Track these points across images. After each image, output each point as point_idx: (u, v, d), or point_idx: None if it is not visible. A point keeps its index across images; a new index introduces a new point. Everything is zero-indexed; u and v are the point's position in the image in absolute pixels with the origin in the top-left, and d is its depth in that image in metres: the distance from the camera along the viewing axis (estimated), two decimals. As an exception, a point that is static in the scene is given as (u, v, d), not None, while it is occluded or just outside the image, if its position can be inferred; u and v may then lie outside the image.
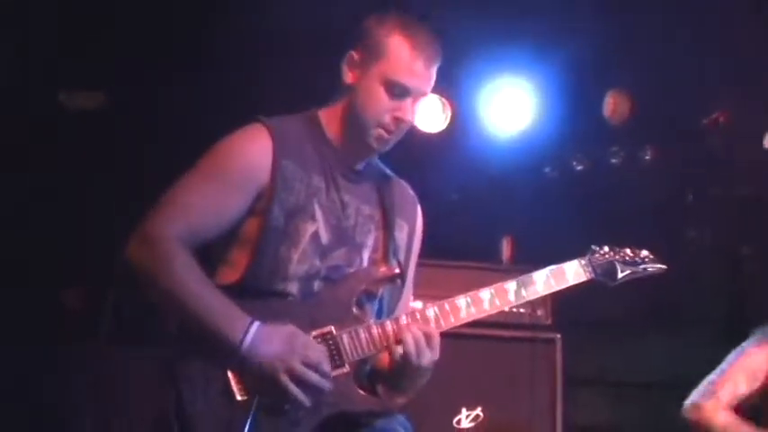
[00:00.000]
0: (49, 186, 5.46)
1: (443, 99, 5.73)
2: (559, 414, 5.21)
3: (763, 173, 6.17)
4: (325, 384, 3.02)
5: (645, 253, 3.57)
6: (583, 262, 3.44)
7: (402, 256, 3.34)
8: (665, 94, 5.76)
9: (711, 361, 4.69)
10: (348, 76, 3.24)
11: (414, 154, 3.53)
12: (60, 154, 5.43)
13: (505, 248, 5.62)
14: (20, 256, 5.39)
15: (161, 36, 5.21)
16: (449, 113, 5.76)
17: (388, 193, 3.37)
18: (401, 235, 3.37)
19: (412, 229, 3.42)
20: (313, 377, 3.00)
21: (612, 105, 5.82)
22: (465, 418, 5.13)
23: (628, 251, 3.54)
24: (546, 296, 5.12)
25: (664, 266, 3.58)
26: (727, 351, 4.74)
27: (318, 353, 3.03)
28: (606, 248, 3.50)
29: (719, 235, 6.31)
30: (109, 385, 5.17)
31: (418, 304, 3.42)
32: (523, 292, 3.34)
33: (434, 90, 3.31)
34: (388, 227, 3.33)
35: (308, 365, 2.99)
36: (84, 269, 5.52)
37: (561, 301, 5.25)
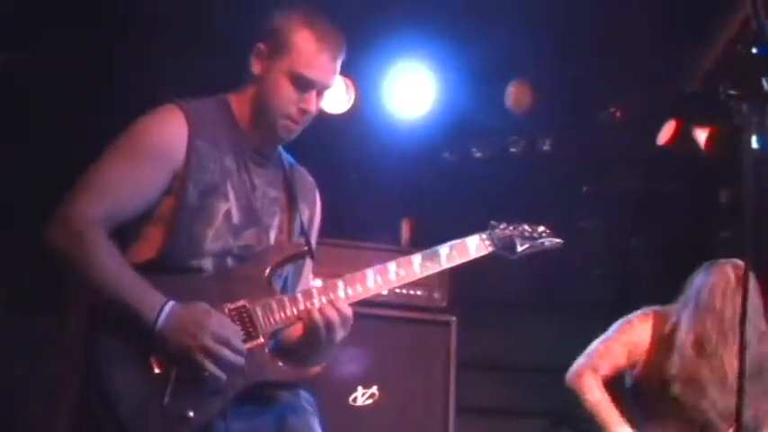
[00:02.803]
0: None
1: (347, 80, 5.74)
2: (452, 395, 5.28)
3: (654, 168, 6.33)
4: (239, 359, 3.07)
5: (541, 228, 3.70)
6: (484, 236, 3.54)
7: (303, 240, 3.41)
8: (566, 86, 5.85)
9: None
10: (256, 68, 3.32)
11: (317, 134, 3.56)
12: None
13: (404, 230, 5.68)
14: None
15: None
16: (352, 95, 5.77)
17: (291, 178, 3.45)
18: (303, 218, 3.44)
19: (312, 213, 3.52)
20: (226, 353, 3.04)
21: (515, 95, 5.89)
22: (361, 396, 5.17)
23: (526, 226, 3.66)
24: (444, 279, 5.31)
25: (560, 241, 3.71)
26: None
27: (230, 329, 3.08)
28: (505, 224, 3.62)
29: (611, 225, 6.46)
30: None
31: (318, 282, 3.45)
32: (428, 264, 3.42)
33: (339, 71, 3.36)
34: (292, 209, 3.42)
35: (220, 342, 3.04)
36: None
37: (457, 284, 5.33)
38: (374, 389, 5.20)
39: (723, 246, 5.92)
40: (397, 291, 5.12)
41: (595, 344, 4.61)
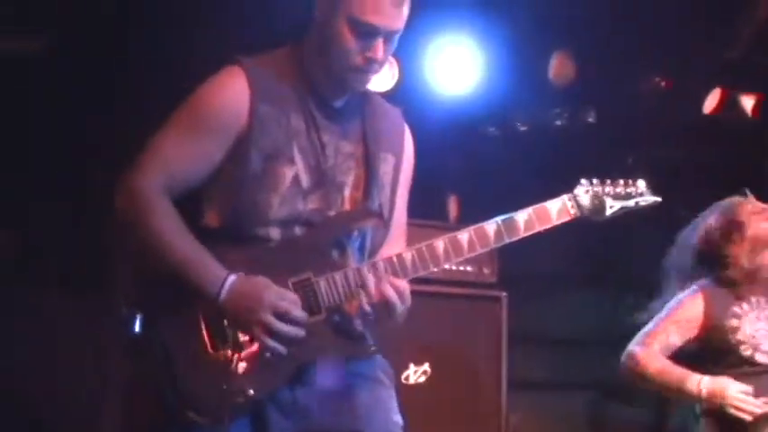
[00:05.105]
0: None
1: (390, 57, 5.71)
2: (504, 370, 5.29)
3: (701, 138, 6.28)
4: (299, 332, 3.03)
5: (640, 184, 3.44)
6: (568, 198, 3.31)
7: (387, 193, 3.28)
8: (609, 56, 5.80)
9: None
10: (319, 15, 3.17)
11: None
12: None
13: (452, 207, 5.67)
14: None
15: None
16: (396, 72, 5.75)
17: (372, 127, 3.28)
18: (386, 168, 3.29)
19: (399, 160, 3.34)
20: (285, 327, 3.01)
21: (557, 67, 5.85)
22: (413, 374, 5.19)
23: (621, 183, 3.40)
24: (493, 254, 5.30)
25: (658, 198, 3.45)
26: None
27: (290, 302, 3.03)
28: (596, 181, 3.37)
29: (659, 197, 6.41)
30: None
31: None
32: (504, 233, 3.22)
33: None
34: (369, 163, 3.24)
35: (279, 316, 3.01)
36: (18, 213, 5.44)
37: (506, 258, 5.33)
38: (426, 366, 5.22)
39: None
40: (447, 267, 5.10)
41: (648, 326, 4.58)
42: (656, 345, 4.51)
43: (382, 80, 5.69)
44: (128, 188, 3.08)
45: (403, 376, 5.18)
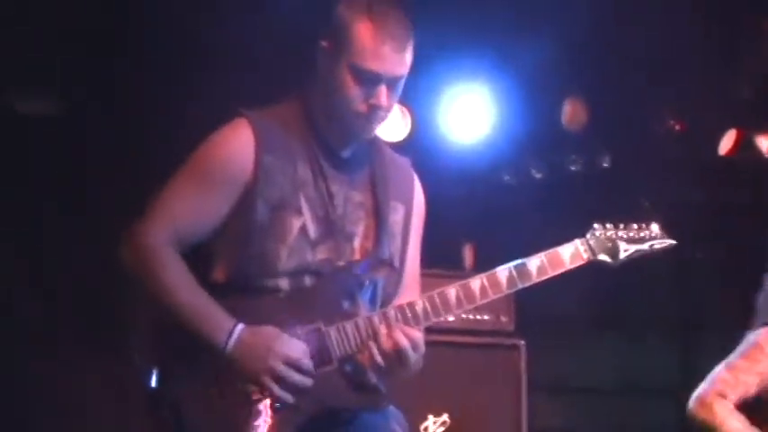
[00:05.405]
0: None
1: (403, 107, 5.74)
2: (524, 419, 5.24)
3: (717, 179, 6.25)
4: (307, 381, 3.00)
5: (654, 227, 3.38)
6: (581, 243, 3.27)
7: (397, 242, 3.25)
8: (622, 100, 5.80)
9: (664, 367, 4.69)
10: (322, 67, 3.16)
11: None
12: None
13: (467, 255, 5.65)
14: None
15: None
16: (409, 121, 5.77)
17: (381, 176, 3.25)
18: (396, 218, 3.26)
19: (409, 209, 3.30)
20: (294, 376, 2.98)
21: (570, 113, 5.85)
22: (432, 425, 5.15)
23: (634, 227, 3.35)
24: (510, 302, 5.28)
25: (673, 242, 3.38)
26: (679, 354, 4.72)
27: (298, 351, 3.01)
28: (609, 225, 3.32)
29: (674, 240, 6.37)
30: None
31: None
32: (516, 279, 3.17)
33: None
34: (379, 213, 3.21)
35: (288, 364, 2.98)
36: (42, 273, 5.46)
37: (523, 306, 5.30)
38: (445, 417, 5.18)
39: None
40: (464, 316, 5.12)
41: (720, 370, 4.04)
42: (732, 396, 4.21)
43: (395, 130, 5.71)
44: (135, 242, 3.06)
45: (422, 427, 5.14)
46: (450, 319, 3.30)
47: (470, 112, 5.86)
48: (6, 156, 5.21)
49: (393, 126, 5.66)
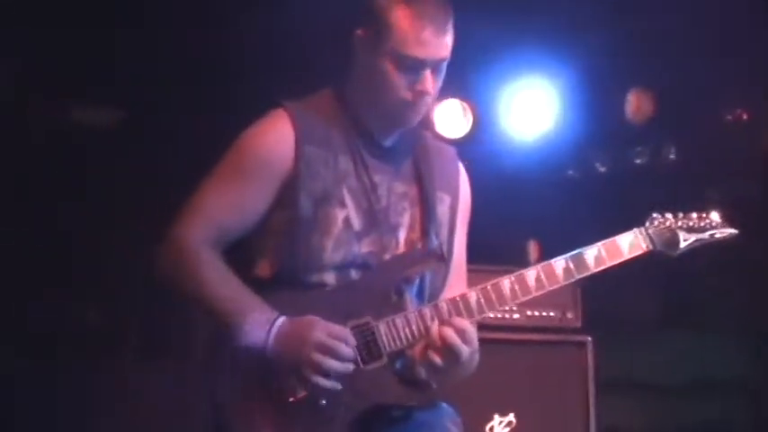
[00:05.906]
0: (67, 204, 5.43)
1: (464, 103, 5.70)
2: (593, 418, 5.17)
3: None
4: (348, 367, 2.91)
5: (714, 216, 3.31)
6: (639, 232, 3.21)
7: (445, 233, 3.19)
8: (688, 91, 5.71)
9: (736, 363, 4.61)
10: (360, 57, 3.09)
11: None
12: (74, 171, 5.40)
13: (532, 251, 5.60)
14: (33, 271, 5.34)
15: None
16: (470, 118, 5.72)
17: (426, 166, 3.19)
18: (442, 209, 3.20)
19: (455, 200, 3.24)
20: (333, 363, 2.89)
21: (635, 105, 5.78)
22: (498, 425, 5.10)
23: (694, 216, 3.29)
24: (576, 298, 5.21)
25: (735, 231, 3.32)
26: (750, 350, 4.62)
27: (337, 337, 2.91)
28: (668, 215, 3.27)
29: (742, 233, 6.27)
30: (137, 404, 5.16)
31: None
32: (573, 269, 3.12)
33: (455, 95, 3.19)
34: (425, 202, 3.15)
35: (325, 352, 2.89)
36: (101, 285, 5.49)
37: (590, 302, 5.24)
38: (511, 416, 5.11)
39: None
40: (529, 313, 5.06)
41: None
42: None
43: (457, 126, 5.68)
44: (173, 242, 3.01)
45: (488, 427, 5.08)
46: (516, 316, 3.22)
47: (532, 107, 5.81)
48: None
49: (454, 122, 5.63)
